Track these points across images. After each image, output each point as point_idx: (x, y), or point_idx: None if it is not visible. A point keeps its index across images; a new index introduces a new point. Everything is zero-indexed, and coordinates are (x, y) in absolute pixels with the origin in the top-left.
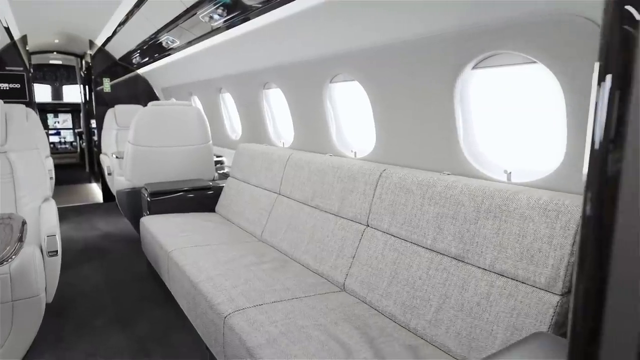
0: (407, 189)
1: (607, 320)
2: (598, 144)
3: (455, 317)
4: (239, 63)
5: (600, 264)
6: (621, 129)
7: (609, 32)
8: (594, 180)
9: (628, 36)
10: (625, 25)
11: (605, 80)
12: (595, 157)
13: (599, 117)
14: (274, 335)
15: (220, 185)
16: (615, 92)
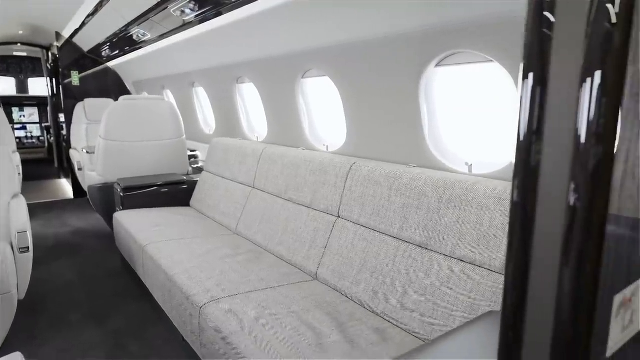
0: (376, 181)
1: (531, 294)
2: (522, 136)
3: (419, 301)
4: (212, 57)
5: (525, 245)
6: (541, 122)
7: (531, 34)
8: (519, 169)
9: (546, 38)
10: (544, 28)
11: (528, 78)
12: (520, 148)
13: (523, 112)
14: (248, 323)
15: (195, 179)
16: (536, 88)
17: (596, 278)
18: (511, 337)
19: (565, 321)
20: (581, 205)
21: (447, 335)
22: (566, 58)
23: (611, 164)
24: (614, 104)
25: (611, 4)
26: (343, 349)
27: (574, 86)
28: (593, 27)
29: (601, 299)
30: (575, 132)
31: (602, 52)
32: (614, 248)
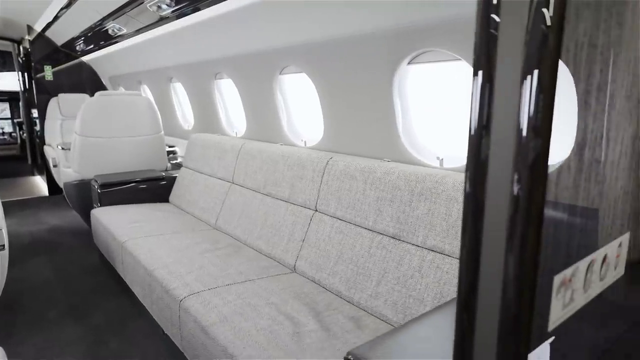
0: (351, 176)
1: (482, 276)
2: (473, 131)
3: (392, 290)
4: (190, 53)
5: (476, 233)
6: (490, 118)
7: (479, 34)
8: (471, 162)
9: (492, 38)
10: (491, 29)
11: (477, 75)
12: (471, 143)
13: (474, 108)
14: (227, 314)
15: (174, 175)
16: (485, 86)
17: (536, 260)
18: (465, 315)
19: (510, 300)
20: (522, 194)
21: (417, 320)
22: (509, 57)
23: (547, 156)
24: (548, 101)
25: (546, 9)
26: (319, 336)
27: (517, 84)
28: (531, 29)
29: (541, 279)
30: (517, 127)
31: (538, 53)
32: (552, 233)
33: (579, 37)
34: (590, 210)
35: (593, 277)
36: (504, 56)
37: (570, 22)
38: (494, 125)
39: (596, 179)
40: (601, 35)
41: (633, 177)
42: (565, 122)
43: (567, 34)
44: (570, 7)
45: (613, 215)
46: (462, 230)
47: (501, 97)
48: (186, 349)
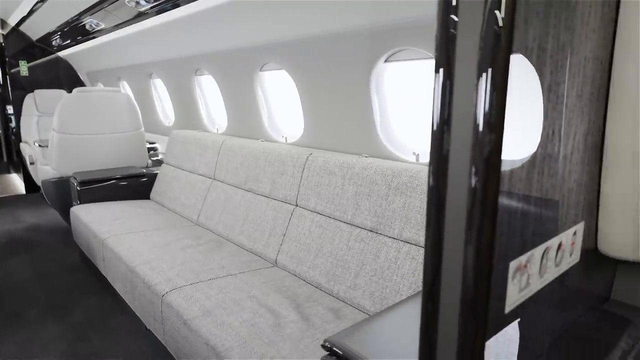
0: (330, 171)
1: (444, 263)
2: (435, 126)
3: (370, 281)
4: (170, 49)
5: (439, 223)
6: (450, 114)
7: (440, 33)
8: (434, 157)
9: (452, 37)
10: (451, 28)
11: (439, 73)
12: (434, 138)
13: (436, 105)
14: (209, 308)
15: (154, 172)
16: (446, 83)
17: (492, 247)
18: (430, 304)
19: (470, 284)
20: (479, 187)
21: (391, 308)
22: (467, 56)
23: (500, 150)
24: (501, 98)
25: (498, 11)
26: (299, 327)
27: (473, 82)
28: (485, 29)
29: (498, 265)
30: (474, 123)
31: (492, 52)
32: (507, 222)
33: (529, 42)
34: (545, 200)
35: (548, 263)
36: (462, 55)
37: (520, 28)
38: (453, 121)
39: (549, 172)
40: (550, 39)
41: (586, 171)
42: (529, 119)
43: (518, 39)
44: (520, 14)
45: (567, 205)
46: (426, 223)
47: (460, 94)
48: (169, 343)
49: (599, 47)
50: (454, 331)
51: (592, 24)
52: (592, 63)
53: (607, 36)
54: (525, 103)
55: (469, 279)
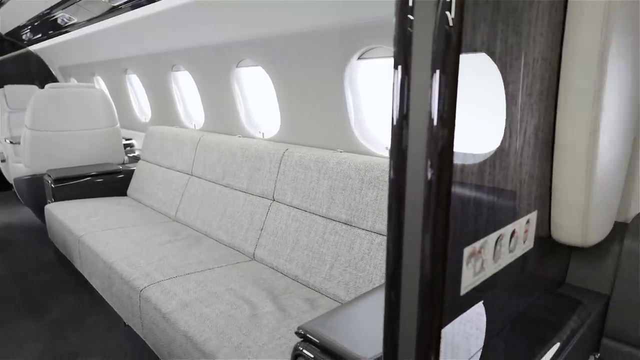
0: (306, 166)
1: (405, 251)
2: (395, 121)
3: (344, 272)
4: (146, 44)
5: (399, 214)
6: (408, 109)
7: (398, 31)
8: (394, 151)
9: (409, 35)
10: (408, 27)
11: (397, 69)
12: (393, 132)
13: (395, 101)
14: (187, 301)
15: (131, 168)
16: (404, 79)
17: (446, 235)
18: (392, 285)
19: (427, 269)
20: (434, 179)
21: (362, 297)
22: (422, 53)
23: (452, 144)
24: (452, 94)
25: (448, 12)
26: (276, 317)
27: (427, 78)
28: (438, 28)
29: (452, 251)
30: (429, 118)
31: (443, 50)
32: (460, 212)
33: (477, 45)
34: (497, 191)
35: (502, 250)
36: (417, 53)
37: (468, 33)
38: (411, 116)
39: (501, 165)
40: (499, 43)
41: (538, 164)
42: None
43: (467, 41)
44: (468, 19)
45: (520, 196)
46: (387, 215)
47: (416, 91)
48: (147, 337)
49: (547, 49)
50: (414, 312)
51: (540, 28)
52: (540, 64)
53: (555, 39)
54: (477, 101)
55: (426, 264)
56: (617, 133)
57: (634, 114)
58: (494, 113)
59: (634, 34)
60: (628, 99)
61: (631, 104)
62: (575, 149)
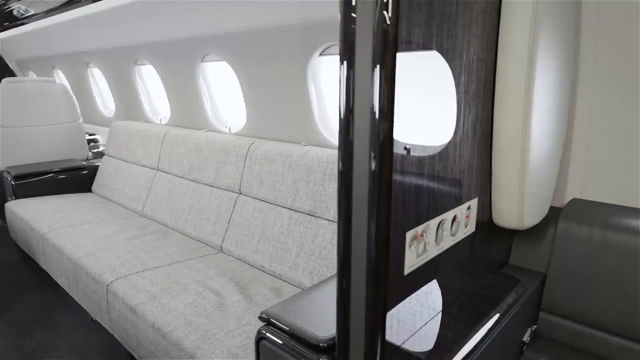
0: (271, 160)
1: (354, 236)
2: (342, 114)
3: (309, 260)
4: (108, 37)
5: (347, 203)
6: (353, 103)
7: (343, 29)
8: (342, 144)
9: (352, 32)
10: (352, 24)
11: (343, 64)
12: (341, 125)
13: (342, 95)
14: (155, 294)
15: (96, 164)
16: (350, 74)
17: (388, 220)
18: (343, 268)
19: (372, 252)
20: (377, 169)
21: (322, 283)
22: (363, 50)
23: (392, 136)
24: (390, 89)
25: (386, 11)
26: (242, 305)
27: (369, 74)
28: (377, 26)
29: (395, 235)
30: (371, 111)
31: (382, 47)
32: (401, 199)
33: (414, 47)
34: (438, 180)
35: (444, 233)
36: (360, 48)
37: (404, 35)
38: (356, 110)
39: (440, 156)
40: (435, 47)
41: (477, 155)
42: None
43: (403, 41)
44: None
45: (460, 184)
46: (337, 205)
47: (360, 86)
48: (115, 330)
49: (483, 50)
50: (362, 292)
51: (474, 32)
52: (476, 64)
53: (490, 41)
54: (418, 97)
55: (372, 248)
56: (547, 126)
57: (563, 108)
58: (433, 109)
59: (560, 37)
60: (557, 95)
61: (560, 99)
62: (511, 141)
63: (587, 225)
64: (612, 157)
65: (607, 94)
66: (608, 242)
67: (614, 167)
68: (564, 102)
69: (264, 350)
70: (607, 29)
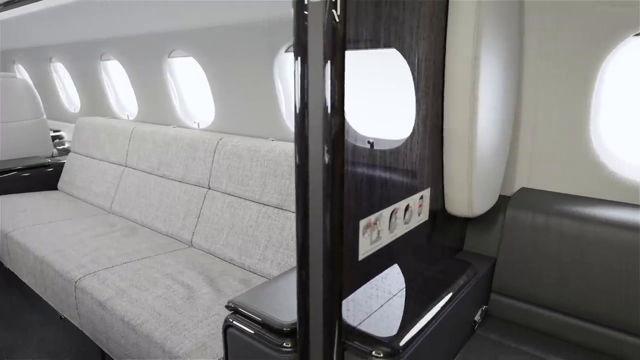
0: (239, 155)
1: (311, 225)
2: (298, 109)
3: (277, 252)
4: (72, 31)
5: (304, 194)
6: (308, 98)
7: (296, 26)
8: (297, 137)
9: (304, 29)
10: (304, 21)
11: (297, 60)
12: (297, 119)
13: (297, 89)
14: (124, 288)
15: (61, 161)
16: (304, 70)
17: (342, 210)
18: (303, 252)
19: (328, 237)
20: (330, 162)
21: (288, 272)
22: (315, 47)
23: (343, 130)
24: (341, 84)
25: (335, 10)
26: (212, 297)
27: (320, 70)
28: (327, 24)
29: (348, 223)
30: (324, 106)
31: (332, 44)
32: (354, 189)
33: (361, 47)
34: (390, 171)
35: (398, 222)
36: (313, 46)
37: (352, 35)
38: (310, 105)
39: (391, 149)
40: (382, 47)
41: (429, 148)
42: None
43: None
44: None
45: (412, 175)
46: (295, 198)
47: (313, 81)
48: (85, 326)
49: (431, 50)
50: (320, 278)
51: (422, 33)
52: (425, 64)
53: (438, 42)
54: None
55: (327, 236)
56: (494, 120)
57: (510, 104)
58: (389, 105)
59: (504, 37)
60: (503, 91)
61: (506, 95)
62: (459, 135)
63: (532, 212)
64: (556, 148)
65: (550, 90)
66: (550, 227)
67: (557, 158)
68: (510, 98)
69: (231, 337)
70: (548, 29)
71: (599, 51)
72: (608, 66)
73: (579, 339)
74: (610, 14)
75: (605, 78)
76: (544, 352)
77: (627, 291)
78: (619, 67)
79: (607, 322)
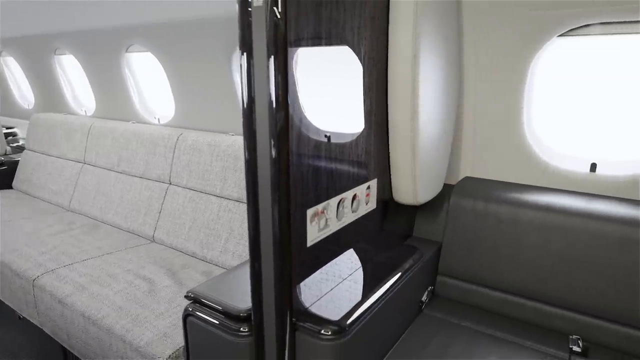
0: (199, 150)
1: (261, 214)
2: (245, 104)
3: (238, 244)
4: (22, 24)
5: (254, 187)
6: (253, 93)
7: (241, 21)
8: (246, 132)
9: (249, 25)
10: (249, 17)
11: (243, 55)
12: (244, 115)
13: (244, 85)
14: (84, 284)
15: (15, 159)
16: (250, 66)
17: (288, 199)
18: (254, 243)
19: (277, 226)
20: (276, 156)
21: (245, 263)
22: (260, 43)
23: (287, 125)
24: (284, 80)
25: (276, 7)
26: (173, 290)
27: (264, 66)
28: (269, 20)
29: (296, 212)
30: (269, 101)
31: (274, 41)
32: (300, 180)
33: (303, 45)
34: (336, 163)
35: (345, 210)
36: (257, 42)
37: (293, 35)
38: (257, 100)
39: (336, 143)
40: (324, 47)
41: (375, 141)
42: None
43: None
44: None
45: (358, 167)
46: (246, 191)
47: (259, 76)
48: (45, 324)
49: (373, 50)
50: (271, 265)
51: (363, 34)
52: (368, 62)
53: (381, 42)
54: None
55: (276, 221)
56: (435, 115)
57: (451, 99)
58: (331, 100)
59: (443, 36)
60: (443, 87)
61: (447, 91)
62: (401, 129)
63: (472, 199)
64: (494, 140)
65: (487, 86)
66: (488, 212)
67: (495, 149)
68: (451, 94)
69: (191, 325)
70: (484, 30)
71: (529, 50)
72: (537, 64)
73: (514, 313)
74: (537, 17)
75: (536, 75)
76: (481, 326)
77: (555, 268)
78: (546, 65)
79: (538, 297)
